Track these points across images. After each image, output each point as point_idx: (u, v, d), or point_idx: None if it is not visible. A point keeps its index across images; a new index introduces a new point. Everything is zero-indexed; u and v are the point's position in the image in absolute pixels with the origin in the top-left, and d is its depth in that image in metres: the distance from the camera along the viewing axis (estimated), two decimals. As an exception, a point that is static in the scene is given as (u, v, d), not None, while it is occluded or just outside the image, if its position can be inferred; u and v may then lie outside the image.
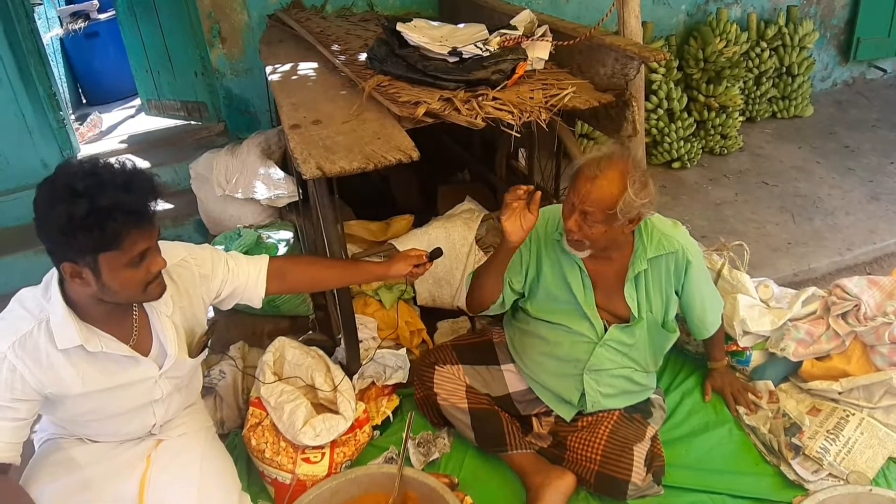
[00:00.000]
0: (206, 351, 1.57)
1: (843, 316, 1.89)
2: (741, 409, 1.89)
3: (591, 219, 1.51)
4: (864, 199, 3.07)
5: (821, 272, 2.65)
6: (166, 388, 1.44)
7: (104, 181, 1.15)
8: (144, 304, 1.37)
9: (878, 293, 1.90)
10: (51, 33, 4.48)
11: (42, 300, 1.27)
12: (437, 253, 1.68)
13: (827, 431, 1.75)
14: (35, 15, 3.05)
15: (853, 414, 1.79)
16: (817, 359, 1.91)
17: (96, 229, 1.12)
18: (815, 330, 1.91)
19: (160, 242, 1.45)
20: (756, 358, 2.00)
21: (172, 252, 1.44)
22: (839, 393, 1.84)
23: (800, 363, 1.93)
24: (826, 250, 2.72)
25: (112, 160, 1.21)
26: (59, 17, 4.66)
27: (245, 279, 1.54)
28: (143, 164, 3.10)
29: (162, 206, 2.97)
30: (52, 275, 1.29)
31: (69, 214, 1.11)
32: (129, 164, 1.22)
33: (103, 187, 1.14)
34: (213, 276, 1.49)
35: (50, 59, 3.16)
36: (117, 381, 1.35)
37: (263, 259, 1.58)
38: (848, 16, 4.09)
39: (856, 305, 1.87)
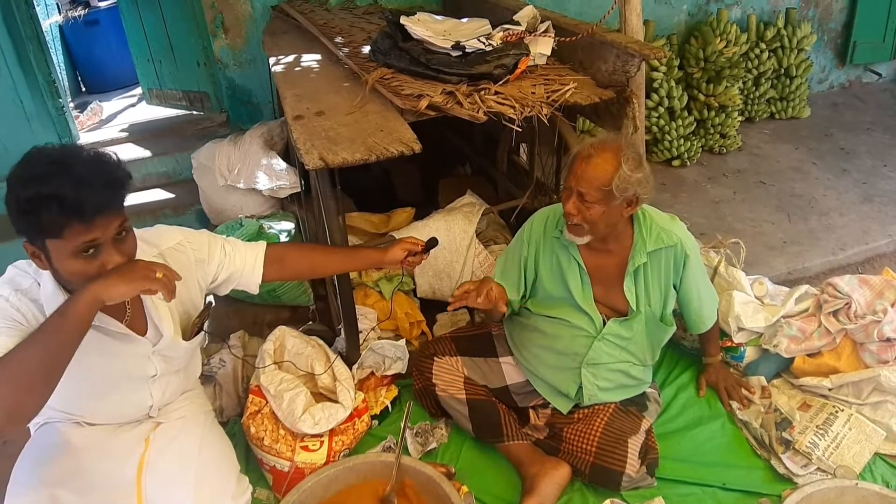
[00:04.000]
0: (204, 335, 1.57)
1: (835, 314, 1.93)
2: (734, 404, 1.91)
3: (588, 198, 1.54)
4: (858, 200, 3.11)
5: (814, 271, 2.68)
6: (160, 366, 1.44)
7: (60, 170, 1.14)
8: None
9: (869, 292, 1.93)
10: (50, 20, 4.46)
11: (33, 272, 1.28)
12: (432, 243, 1.70)
13: (816, 427, 1.78)
14: (34, 1, 3.04)
15: (842, 410, 1.82)
16: (809, 355, 1.94)
17: (33, 216, 1.13)
18: (807, 327, 1.95)
19: (158, 226, 1.46)
20: (750, 354, 2.03)
21: (169, 235, 1.45)
22: (829, 389, 1.87)
23: (792, 359, 1.96)
24: (820, 250, 2.75)
25: (87, 150, 1.20)
26: (58, 4, 4.64)
27: (241, 264, 1.54)
28: (144, 153, 3.10)
29: (163, 195, 3.03)
30: None
31: (16, 197, 1.13)
32: (103, 157, 1.20)
33: (54, 176, 1.13)
34: (209, 260, 1.49)
35: (49, 46, 3.15)
36: (110, 350, 1.34)
37: (261, 245, 1.59)
38: (845, 19, 4.12)
39: (847, 303, 1.90)
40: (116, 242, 1.21)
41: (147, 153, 3.10)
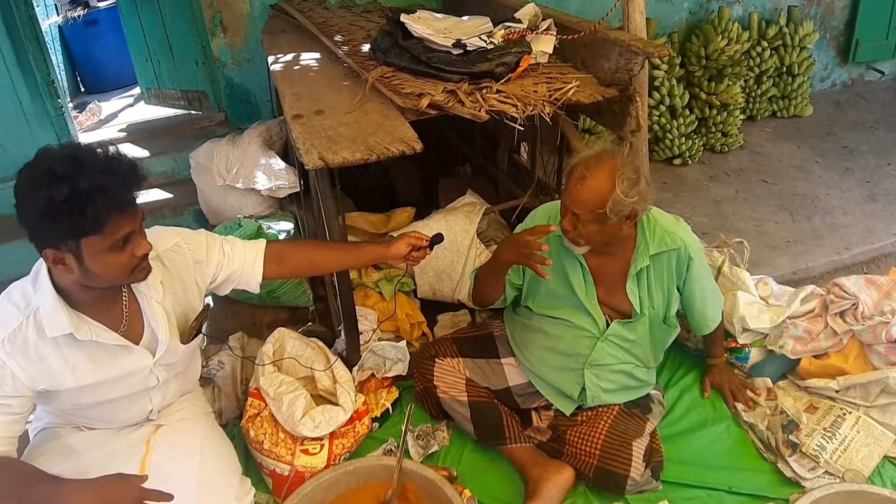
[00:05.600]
0: (203, 337, 1.55)
1: (841, 314, 1.90)
2: (739, 406, 1.89)
3: (583, 219, 1.53)
4: (862, 199, 3.08)
5: (819, 271, 2.66)
6: (162, 376, 1.43)
7: (85, 165, 1.13)
8: (134, 290, 1.35)
9: (876, 292, 1.91)
10: (49, 20, 4.44)
11: (31, 290, 1.26)
12: (437, 238, 1.66)
13: (824, 429, 1.76)
14: (34, 2, 3.02)
15: (850, 412, 1.80)
16: (815, 357, 1.91)
17: (76, 213, 1.10)
18: (814, 328, 1.92)
19: (155, 227, 1.44)
20: (755, 355, 2.01)
21: (166, 237, 1.43)
22: (836, 391, 1.84)
23: (798, 361, 1.94)
24: (824, 249, 2.73)
25: (94, 144, 1.20)
26: (57, 4, 4.62)
27: (241, 263, 1.52)
28: (142, 152, 3.08)
29: (161, 195, 3.02)
30: (41, 263, 1.27)
31: (49, 198, 1.09)
32: (111, 149, 1.20)
33: (84, 171, 1.12)
34: (207, 261, 1.47)
35: (48, 46, 3.13)
36: (110, 373, 1.33)
37: (260, 243, 1.56)
38: (847, 17, 4.10)
39: (854, 304, 1.88)
40: (141, 229, 1.24)
41: (145, 153, 3.08)
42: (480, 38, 1.92)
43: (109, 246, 1.17)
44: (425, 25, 1.99)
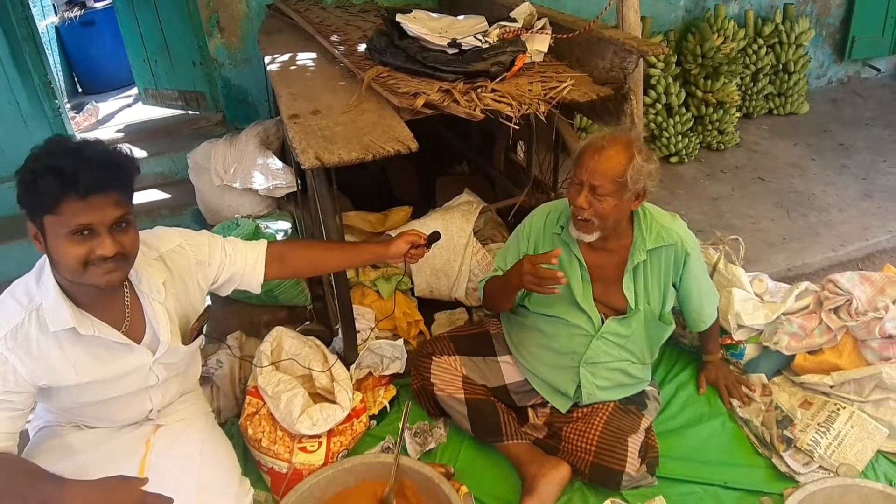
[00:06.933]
0: (203, 338, 1.56)
1: (836, 310, 1.92)
2: (734, 402, 1.91)
3: (601, 191, 1.53)
4: (858, 196, 3.09)
5: (814, 268, 2.67)
6: (161, 375, 1.43)
7: (66, 150, 1.16)
8: (137, 291, 1.36)
9: (870, 288, 1.92)
10: (46, 21, 4.43)
11: (34, 285, 1.27)
12: (435, 236, 1.68)
13: (818, 424, 1.77)
14: (30, 2, 3.02)
15: (844, 407, 1.81)
16: (810, 353, 1.93)
17: (31, 187, 1.14)
18: (808, 324, 1.94)
19: (157, 228, 1.45)
20: (750, 351, 2.02)
21: (168, 238, 1.44)
22: (830, 386, 1.86)
23: (792, 357, 1.95)
24: (820, 246, 2.74)
25: (102, 140, 1.22)
26: (54, 4, 4.62)
27: (243, 264, 1.53)
28: (140, 153, 3.09)
29: (159, 195, 3.02)
30: (45, 259, 1.28)
31: (23, 171, 1.15)
32: (115, 146, 1.22)
33: (59, 153, 1.15)
34: (209, 261, 1.48)
35: (45, 47, 3.13)
36: (111, 371, 1.34)
37: (261, 244, 1.58)
38: (843, 15, 4.10)
39: (848, 300, 1.89)
40: (114, 231, 1.20)
41: (143, 153, 3.09)
42: (476, 37, 1.93)
43: (68, 232, 1.17)
44: (421, 25, 2.00)
